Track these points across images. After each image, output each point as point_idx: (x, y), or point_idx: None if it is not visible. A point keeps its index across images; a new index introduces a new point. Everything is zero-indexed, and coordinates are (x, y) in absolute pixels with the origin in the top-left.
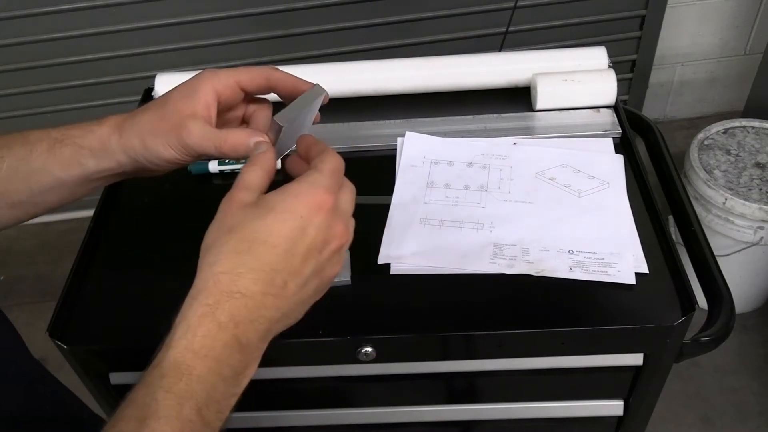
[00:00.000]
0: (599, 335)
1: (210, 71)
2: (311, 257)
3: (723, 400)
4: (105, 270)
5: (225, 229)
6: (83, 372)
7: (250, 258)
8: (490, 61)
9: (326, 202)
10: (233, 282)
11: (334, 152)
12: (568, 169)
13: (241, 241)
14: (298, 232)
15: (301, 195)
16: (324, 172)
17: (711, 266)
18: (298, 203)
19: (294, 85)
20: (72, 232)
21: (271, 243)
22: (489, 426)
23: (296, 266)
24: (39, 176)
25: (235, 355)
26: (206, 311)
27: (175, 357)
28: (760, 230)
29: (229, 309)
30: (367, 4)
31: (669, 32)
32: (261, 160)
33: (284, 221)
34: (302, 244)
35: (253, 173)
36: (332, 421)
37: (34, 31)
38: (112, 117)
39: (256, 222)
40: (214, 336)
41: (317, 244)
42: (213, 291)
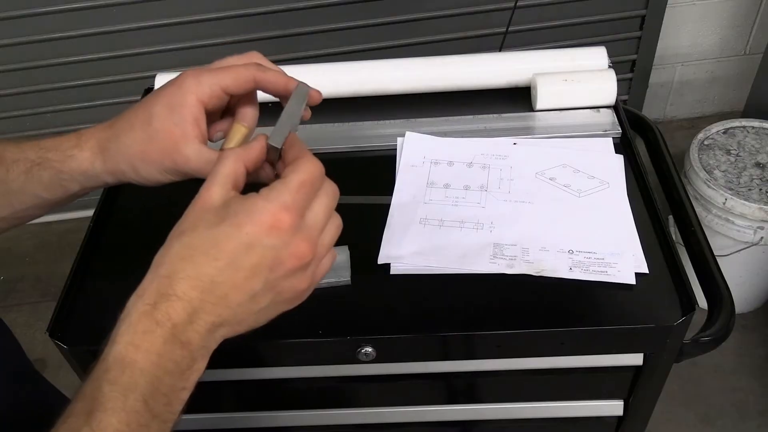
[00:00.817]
0: (599, 335)
1: (193, 78)
2: (259, 275)
3: (723, 400)
4: (105, 270)
5: (179, 231)
6: (83, 372)
7: (189, 265)
8: (490, 61)
9: (281, 222)
10: (171, 286)
11: (310, 158)
12: (568, 169)
13: (185, 246)
14: (243, 249)
15: (255, 212)
16: (290, 185)
17: (711, 266)
18: (248, 220)
19: (284, 86)
20: (72, 232)
21: (212, 255)
22: (489, 426)
23: (240, 282)
24: (20, 196)
25: (176, 350)
26: (146, 310)
27: (119, 351)
28: (760, 230)
29: (166, 310)
30: (367, 4)
31: (669, 32)
32: (243, 150)
33: (228, 236)
34: (247, 262)
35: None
36: (332, 421)
37: (34, 31)
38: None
39: (205, 231)
40: (152, 332)
41: (267, 262)
42: (152, 292)
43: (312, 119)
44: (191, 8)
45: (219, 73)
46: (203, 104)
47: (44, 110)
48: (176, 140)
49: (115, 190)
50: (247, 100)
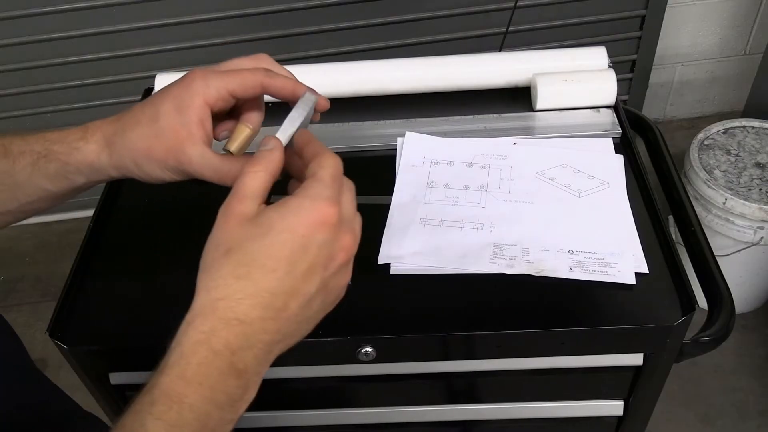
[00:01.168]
0: (599, 335)
1: (201, 78)
2: (315, 275)
3: (723, 400)
4: (105, 270)
5: (222, 250)
6: (83, 372)
7: (248, 283)
8: (490, 61)
9: (330, 216)
10: (231, 309)
11: (331, 153)
12: (568, 169)
13: (238, 265)
14: (300, 253)
15: (302, 212)
16: (325, 180)
17: (711, 266)
18: (299, 221)
19: (292, 92)
20: (72, 232)
21: (269, 267)
22: (489, 426)
23: (298, 286)
24: (26, 189)
25: (231, 381)
26: (201, 338)
27: (167, 384)
28: (760, 230)
29: (226, 336)
30: (367, 4)
31: (669, 32)
32: (267, 161)
33: (284, 243)
34: (303, 264)
35: (256, 178)
36: (332, 421)
37: (34, 31)
38: (96, 128)
39: (254, 244)
40: (209, 364)
41: (321, 260)
42: (209, 317)
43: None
44: (191, 8)
45: (227, 77)
46: (210, 106)
47: (44, 110)
48: (181, 140)
49: (116, 190)
50: (254, 102)
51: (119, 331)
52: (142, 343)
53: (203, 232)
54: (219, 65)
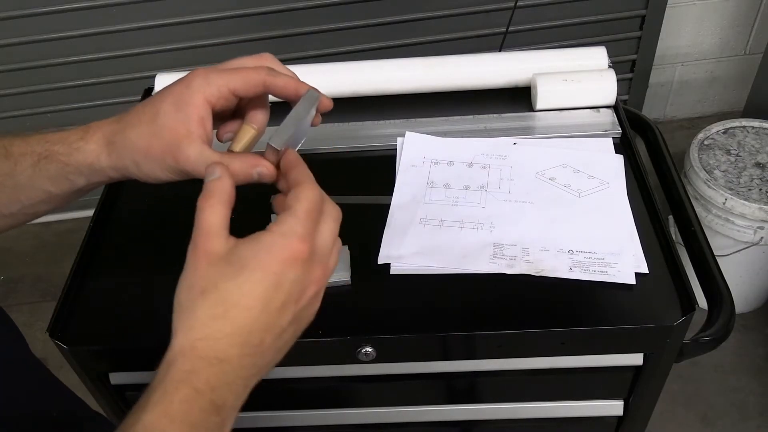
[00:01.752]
0: (599, 335)
1: (202, 77)
2: (287, 310)
3: (723, 400)
4: (105, 270)
5: (197, 291)
6: (83, 372)
7: (226, 323)
8: (490, 61)
9: (301, 253)
10: (210, 348)
11: (310, 185)
12: (568, 169)
13: (215, 305)
14: (272, 290)
15: (274, 249)
16: (299, 215)
17: (711, 266)
18: (271, 259)
19: (295, 91)
20: (72, 232)
21: (244, 305)
22: (489, 426)
23: (272, 322)
24: (27, 191)
25: (211, 418)
26: (183, 377)
27: (151, 421)
28: (760, 230)
29: (206, 375)
30: (367, 4)
31: (669, 32)
32: (219, 192)
33: (258, 281)
34: (277, 300)
35: (214, 213)
36: (332, 421)
37: (34, 31)
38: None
39: (229, 283)
40: (191, 402)
41: (293, 296)
42: (190, 357)
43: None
44: (191, 8)
45: (228, 75)
46: (210, 105)
47: (44, 110)
48: (180, 138)
49: (116, 190)
50: (258, 102)
51: (119, 331)
52: (142, 343)
53: None
54: (222, 64)
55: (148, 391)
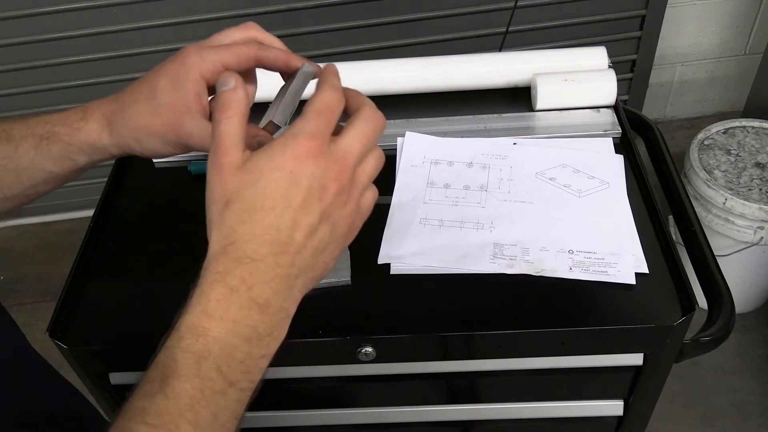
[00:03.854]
0: (599, 335)
1: (196, 54)
2: (311, 206)
3: (723, 400)
4: (105, 270)
5: (222, 203)
6: (83, 372)
7: (252, 225)
8: (490, 61)
9: (311, 149)
10: (240, 249)
11: (326, 89)
12: (568, 169)
13: (240, 212)
14: (291, 187)
15: (286, 149)
16: (307, 115)
17: (711, 266)
18: (284, 158)
19: (286, 62)
20: (72, 232)
21: (268, 206)
22: (489, 426)
23: (298, 219)
24: (29, 173)
25: (254, 316)
26: (217, 278)
27: (191, 320)
28: (760, 230)
29: (240, 274)
30: (367, 4)
31: (669, 32)
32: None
33: (276, 181)
34: (298, 197)
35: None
36: (332, 421)
37: (34, 31)
38: (96, 108)
39: (250, 190)
40: (227, 299)
41: (314, 191)
42: (222, 260)
43: None
44: (191, 8)
45: (221, 51)
46: (205, 80)
47: (44, 110)
48: (179, 115)
49: (116, 190)
50: (247, 75)
51: (119, 331)
52: (142, 343)
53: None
54: (210, 39)
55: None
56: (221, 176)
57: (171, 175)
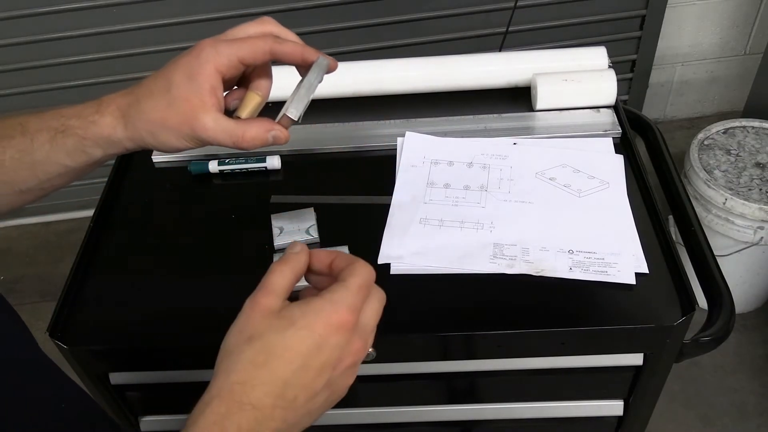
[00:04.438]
0: (599, 335)
1: (210, 47)
2: (324, 373)
3: (723, 400)
4: (105, 270)
5: (245, 337)
6: (83, 372)
7: (265, 372)
8: (490, 61)
9: (348, 323)
10: (246, 393)
11: (364, 264)
12: (568, 169)
13: (259, 352)
14: (315, 350)
15: (323, 313)
16: (351, 288)
17: (711, 266)
18: (318, 321)
19: (301, 56)
20: (72, 232)
21: (287, 358)
22: (489, 426)
23: (308, 381)
24: (44, 166)
25: None
26: (216, 419)
27: None
28: (760, 230)
29: (238, 420)
30: (367, 4)
31: (669, 32)
32: (294, 262)
33: (302, 338)
34: (317, 361)
35: (283, 277)
36: (332, 421)
37: (34, 31)
38: (111, 101)
39: (275, 335)
40: None
41: (332, 361)
42: (226, 400)
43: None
44: (191, 8)
45: (236, 44)
46: (221, 74)
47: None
48: (195, 108)
49: (116, 190)
50: (262, 70)
51: (119, 331)
52: (142, 343)
53: (202, 232)
54: (225, 34)
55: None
56: (254, 313)
57: (171, 175)
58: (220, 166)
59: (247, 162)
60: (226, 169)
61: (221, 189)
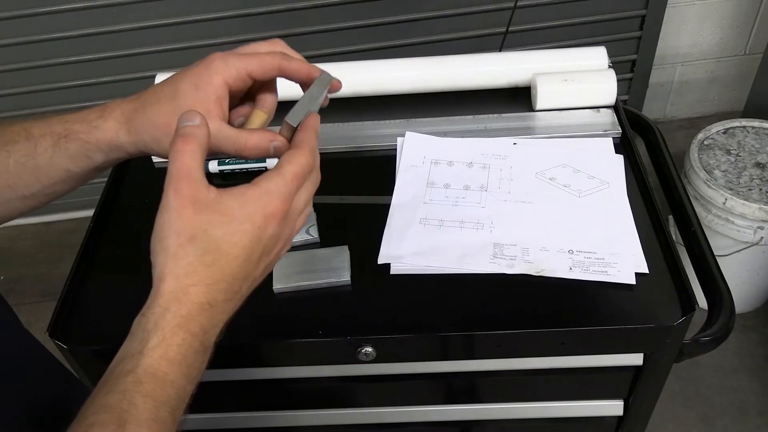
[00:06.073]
0: (599, 335)
1: (220, 59)
2: (262, 261)
3: (723, 400)
4: (105, 270)
5: (186, 236)
6: (83, 372)
7: (216, 270)
8: (490, 61)
9: (282, 212)
10: (203, 294)
11: (306, 151)
12: (568, 169)
13: (205, 252)
14: (256, 242)
15: (260, 204)
16: (286, 177)
17: (711, 266)
18: (257, 213)
19: (308, 74)
20: (72, 232)
21: (233, 254)
22: (489, 426)
23: (251, 271)
24: (48, 171)
25: (200, 358)
26: (180, 322)
27: (151, 365)
28: (760, 230)
29: (201, 320)
30: (367, 4)
31: (669, 32)
32: (197, 136)
33: (245, 232)
34: (257, 252)
35: (195, 158)
36: (332, 421)
37: (34, 31)
38: (116, 106)
39: (217, 231)
40: (188, 345)
41: (268, 249)
42: (185, 302)
43: None
44: (191, 8)
45: (246, 58)
46: (228, 86)
47: (44, 110)
48: None
49: (116, 190)
50: (268, 86)
51: (119, 331)
52: None
53: None
54: (236, 50)
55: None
56: (185, 208)
57: None
58: (220, 166)
59: (247, 162)
60: (226, 169)
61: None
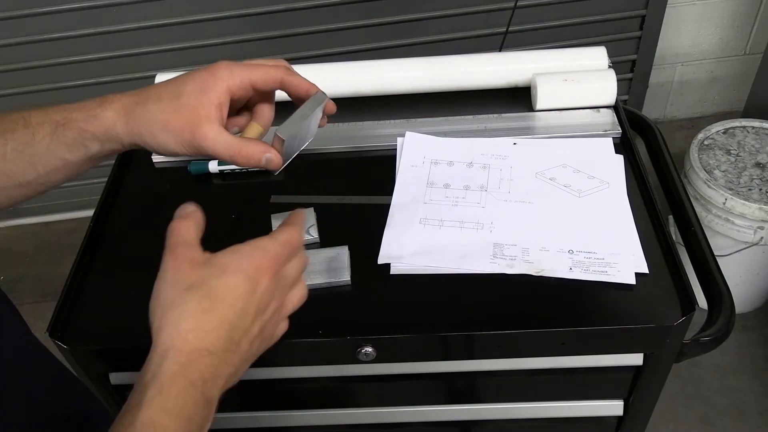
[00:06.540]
0: (599, 335)
1: (226, 67)
2: (258, 316)
3: (723, 400)
4: (105, 270)
5: (183, 287)
6: (83, 372)
7: (213, 316)
8: (490, 61)
9: (273, 267)
10: (201, 339)
11: (298, 230)
12: (568, 169)
13: (203, 298)
14: (250, 292)
15: (252, 258)
16: (277, 240)
17: (711, 266)
18: (250, 265)
19: (307, 91)
20: (72, 232)
21: (229, 301)
22: (489, 426)
23: (248, 324)
24: (44, 159)
25: (201, 412)
26: (178, 370)
27: (150, 417)
28: (760, 230)
29: (199, 368)
30: (367, 4)
31: (669, 32)
32: (193, 217)
33: (239, 281)
34: (253, 304)
35: (190, 232)
36: (332, 421)
37: (34, 31)
38: (116, 98)
39: (213, 281)
40: (185, 395)
41: (262, 304)
42: (183, 349)
43: None
44: (191, 8)
45: (250, 68)
46: (231, 93)
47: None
48: (200, 117)
49: (116, 189)
50: (266, 99)
51: (119, 331)
52: (142, 343)
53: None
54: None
55: (140, 388)
56: (182, 265)
57: (171, 175)
58: (220, 165)
59: None
60: (226, 168)
61: (221, 189)
